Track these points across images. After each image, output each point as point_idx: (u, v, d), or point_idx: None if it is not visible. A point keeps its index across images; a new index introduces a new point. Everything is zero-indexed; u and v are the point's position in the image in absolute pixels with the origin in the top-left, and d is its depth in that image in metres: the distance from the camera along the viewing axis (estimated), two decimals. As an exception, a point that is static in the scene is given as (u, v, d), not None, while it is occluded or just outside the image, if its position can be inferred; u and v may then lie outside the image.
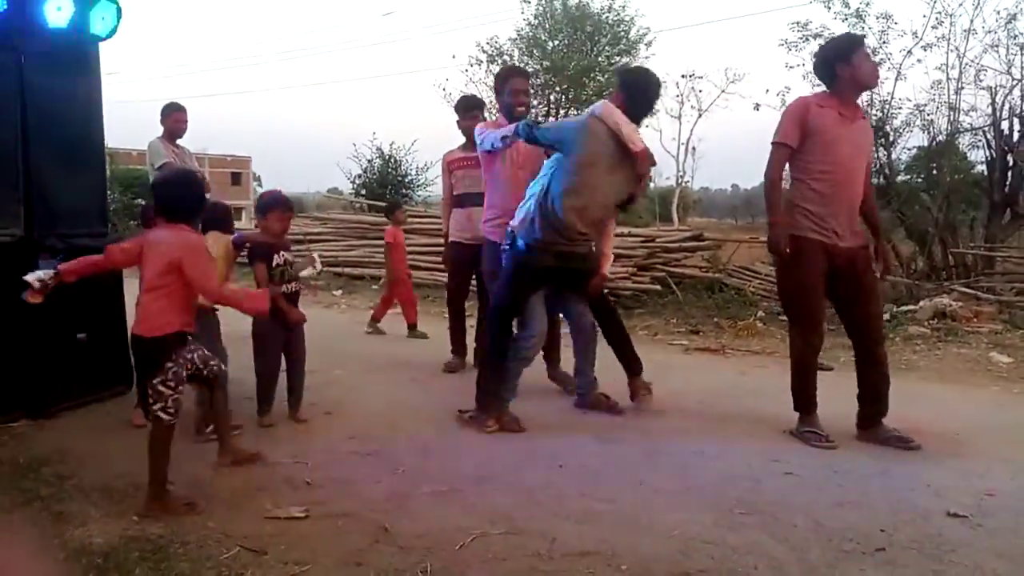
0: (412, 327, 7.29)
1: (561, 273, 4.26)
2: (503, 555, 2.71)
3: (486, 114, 6.74)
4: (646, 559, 2.69)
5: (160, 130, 6.24)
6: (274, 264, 4.11)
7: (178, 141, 6.31)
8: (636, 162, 4.01)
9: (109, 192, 13.42)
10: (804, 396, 4.08)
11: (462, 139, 5.68)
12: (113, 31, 4.42)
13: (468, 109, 5.71)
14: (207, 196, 3.64)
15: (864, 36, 4.51)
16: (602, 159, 3.95)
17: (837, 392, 4.19)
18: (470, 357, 5.75)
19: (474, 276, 5.69)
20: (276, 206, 4.23)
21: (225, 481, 3.23)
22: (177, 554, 2.68)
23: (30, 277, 3.06)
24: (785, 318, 8.05)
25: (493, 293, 4.45)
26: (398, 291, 7.52)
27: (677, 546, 2.79)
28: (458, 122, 5.71)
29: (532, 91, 17.79)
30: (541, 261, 4.15)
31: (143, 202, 16.15)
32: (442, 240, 5.93)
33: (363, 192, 15.81)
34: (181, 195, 3.19)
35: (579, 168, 3.96)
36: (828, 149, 3.90)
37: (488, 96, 16.46)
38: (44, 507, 3.08)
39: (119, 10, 4.40)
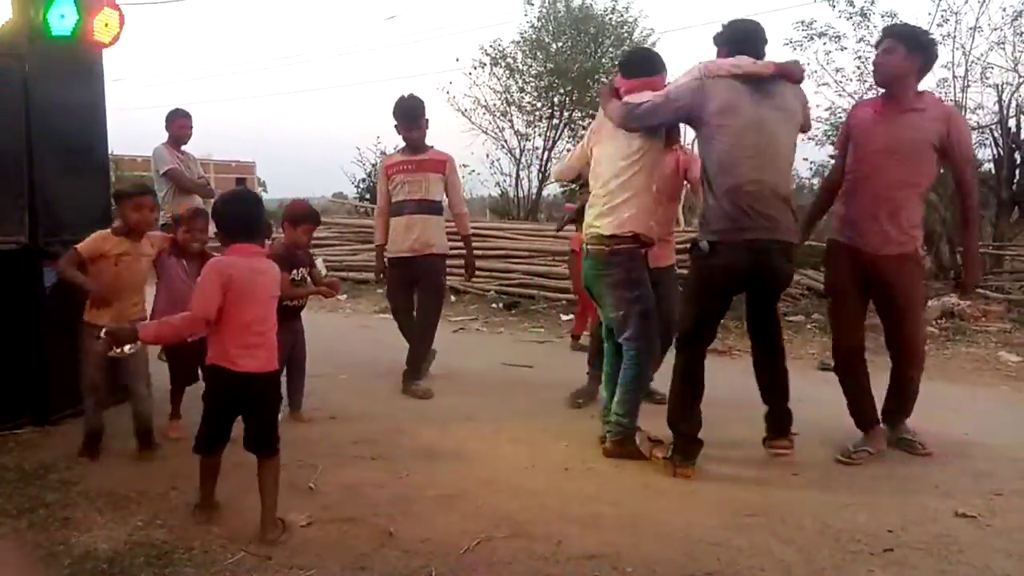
0: (576, 338, 6.88)
1: (759, 273, 3.46)
2: (508, 559, 2.70)
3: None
4: (652, 561, 2.67)
5: (165, 136, 6.26)
6: (291, 276, 4.19)
7: (183, 147, 6.32)
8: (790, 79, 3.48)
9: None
10: (850, 408, 3.92)
11: (436, 142, 5.24)
12: (116, 38, 4.43)
13: (415, 118, 5.08)
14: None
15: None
16: (741, 106, 3.38)
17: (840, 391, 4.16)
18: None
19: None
20: (308, 219, 4.33)
21: (230, 486, 3.22)
22: (182, 559, 2.68)
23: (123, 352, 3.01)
24: (791, 319, 8.08)
25: (677, 319, 3.73)
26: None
27: (683, 548, 2.78)
28: (397, 127, 5.13)
29: (537, 93, 17.53)
30: (731, 259, 3.41)
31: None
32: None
33: (367, 196, 15.80)
34: (254, 213, 3.00)
35: (721, 128, 3.39)
36: (856, 151, 3.74)
37: (493, 100, 16.55)
38: (50, 513, 3.08)
39: (122, 17, 4.41)
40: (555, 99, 15.73)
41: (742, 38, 3.55)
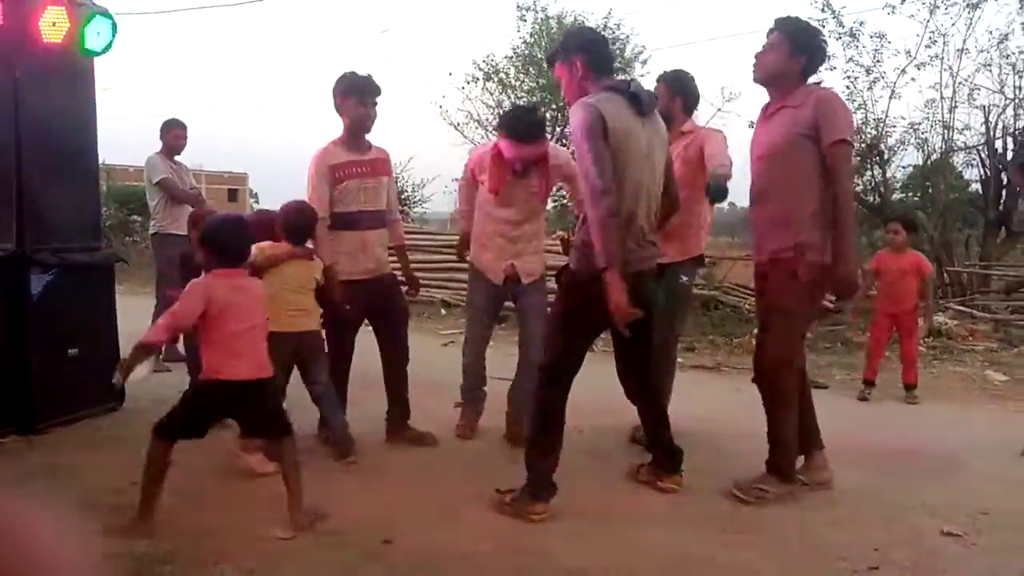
0: (910, 387, 5.51)
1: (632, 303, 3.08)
2: (496, 572, 2.69)
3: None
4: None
5: (159, 146, 6.25)
6: None
7: (176, 157, 6.31)
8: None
9: (105, 208, 13.44)
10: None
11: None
12: (108, 47, 4.42)
13: (371, 92, 4.11)
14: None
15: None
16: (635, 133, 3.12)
17: (832, 409, 4.17)
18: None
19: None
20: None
21: (217, 498, 3.20)
22: (161, 572, 2.65)
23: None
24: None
25: (544, 346, 3.40)
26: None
27: (668, 563, 2.77)
28: (342, 106, 4.11)
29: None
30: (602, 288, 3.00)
31: (139, 218, 16.13)
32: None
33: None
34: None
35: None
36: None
37: (486, 114, 16.66)
38: (30, 523, 3.04)
39: (115, 26, 4.40)
40: (547, 114, 15.82)
41: (598, 46, 3.34)
